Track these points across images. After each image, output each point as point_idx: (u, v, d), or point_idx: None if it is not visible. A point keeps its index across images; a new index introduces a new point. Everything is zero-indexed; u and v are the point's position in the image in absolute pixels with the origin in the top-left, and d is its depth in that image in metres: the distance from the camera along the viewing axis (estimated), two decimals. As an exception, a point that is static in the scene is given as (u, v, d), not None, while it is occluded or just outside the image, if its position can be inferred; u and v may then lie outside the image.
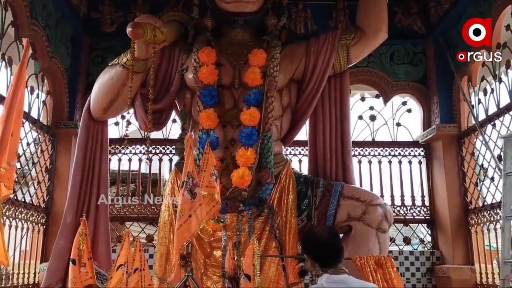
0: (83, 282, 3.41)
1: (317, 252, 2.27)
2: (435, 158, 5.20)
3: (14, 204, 4.12)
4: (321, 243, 2.29)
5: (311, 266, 2.31)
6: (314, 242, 2.33)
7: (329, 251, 2.27)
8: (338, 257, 2.26)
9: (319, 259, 2.25)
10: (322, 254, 2.26)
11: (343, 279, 2.20)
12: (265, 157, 3.96)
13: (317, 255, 2.27)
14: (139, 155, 5.35)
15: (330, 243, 2.31)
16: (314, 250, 2.29)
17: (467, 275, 4.62)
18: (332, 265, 2.23)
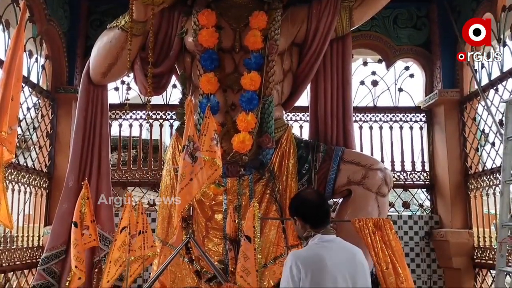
0: (86, 244, 3.47)
1: (309, 213, 2.32)
2: (437, 124, 5.18)
3: (16, 168, 4.14)
4: (312, 205, 2.34)
5: (301, 228, 2.34)
6: (305, 204, 2.36)
7: (320, 212, 2.33)
8: (327, 218, 2.34)
9: (311, 220, 2.30)
10: (313, 215, 2.31)
11: (332, 239, 2.28)
12: (265, 122, 3.95)
13: (308, 216, 2.32)
14: (139, 120, 5.33)
15: (320, 204, 2.37)
16: (306, 211, 2.33)
17: (465, 239, 4.68)
18: (323, 226, 2.30)
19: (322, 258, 2.15)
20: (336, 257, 2.19)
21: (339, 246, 2.28)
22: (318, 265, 2.13)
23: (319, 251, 2.20)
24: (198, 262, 3.79)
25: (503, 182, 3.72)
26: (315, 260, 2.15)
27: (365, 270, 2.28)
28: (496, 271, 3.69)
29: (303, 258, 2.17)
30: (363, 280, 2.23)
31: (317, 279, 2.10)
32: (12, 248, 4.07)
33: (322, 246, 2.23)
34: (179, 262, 3.85)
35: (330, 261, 2.15)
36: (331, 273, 2.13)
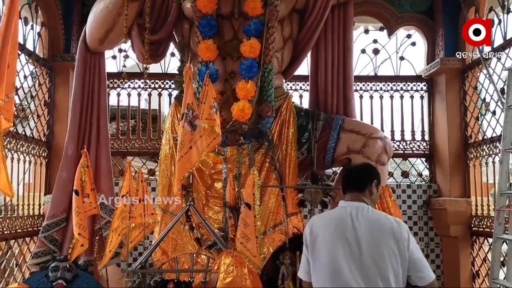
0: (87, 212, 3.50)
1: (344, 178, 2.52)
2: (437, 93, 5.15)
3: (14, 137, 4.13)
4: (348, 172, 2.57)
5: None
6: (344, 173, 2.59)
7: (350, 178, 2.48)
8: (356, 186, 2.41)
9: (343, 186, 2.48)
10: (344, 181, 2.49)
11: (356, 205, 2.32)
12: (265, 90, 3.92)
13: (343, 181, 2.50)
14: (138, 89, 5.28)
15: (355, 172, 2.53)
16: (344, 177, 2.54)
17: (463, 207, 4.71)
18: (350, 192, 2.41)
19: (334, 221, 2.30)
20: (343, 222, 2.26)
21: (365, 216, 2.28)
22: (329, 228, 2.26)
23: (332, 216, 2.39)
24: (198, 230, 3.82)
25: (503, 150, 3.71)
26: (327, 224, 2.30)
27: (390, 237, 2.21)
28: (493, 238, 3.73)
29: (318, 220, 2.39)
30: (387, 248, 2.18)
31: (324, 243, 2.22)
32: (13, 216, 4.10)
33: (336, 211, 2.41)
34: (180, 230, 3.89)
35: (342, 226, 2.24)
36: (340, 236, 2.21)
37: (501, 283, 3.62)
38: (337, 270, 2.16)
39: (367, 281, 2.13)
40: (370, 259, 2.15)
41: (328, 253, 2.20)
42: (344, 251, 2.18)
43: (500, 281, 3.64)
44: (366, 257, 2.15)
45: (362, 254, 2.16)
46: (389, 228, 2.22)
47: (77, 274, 3.57)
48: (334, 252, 2.19)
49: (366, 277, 2.13)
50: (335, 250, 2.19)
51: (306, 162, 4.06)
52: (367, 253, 2.16)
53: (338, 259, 2.16)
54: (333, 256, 2.18)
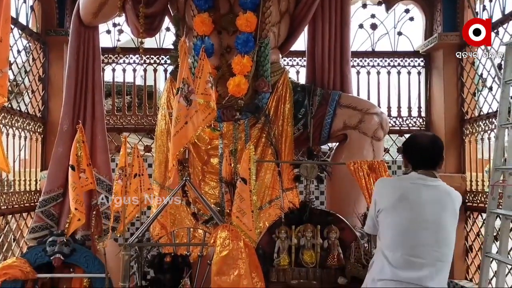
0: (83, 187, 3.50)
1: (414, 154, 2.44)
2: (435, 68, 5.12)
3: (9, 112, 4.10)
4: (419, 148, 2.44)
5: (405, 166, 2.52)
6: (412, 145, 2.48)
7: (424, 155, 2.41)
8: (431, 163, 2.42)
9: (413, 161, 2.42)
10: (416, 157, 2.42)
11: (424, 178, 2.36)
12: (262, 65, 3.89)
13: (411, 156, 2.44)
14: (133, 65, 5.23)
15: (427, 148, 2.45)
16: (410, 151, 2.46)
17: (457, 183, 4.73)
18: (424, 168, 2.39)
19: (405, 188, 2.32)
20: (418, 192, 2.29)
21: (431, 186, 2.35)
22: (398, 191, 2.32)
23: (404, 183, 2.38)
24: (195, 205, 3.85)
25: (499, 126, 3.71)
26: (397, 188, 2.34)
27: (454, 214, 2.36)
28: (487, 213, 3.76)
29: (387, 183, 2.44)
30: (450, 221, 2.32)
31: (394, 204, 2.29)
32: (10, 191, 4.11)
33: (410, 180, 2.36)
34: (178, 205, 3.90)
35: (412, 194, 2.29)
36: (409, 202, 2.27)
37: (494, 257, 3.67)
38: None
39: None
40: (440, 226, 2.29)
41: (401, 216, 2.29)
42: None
43: (493, 254, 3.69)
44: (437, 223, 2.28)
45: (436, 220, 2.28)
46: (453, 199, 2.40)
47: (74, 249, 3.60)
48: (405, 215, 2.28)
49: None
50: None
51: (302, 138, 4.07)
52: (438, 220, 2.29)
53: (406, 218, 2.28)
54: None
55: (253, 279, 2.78)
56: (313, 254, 3.16)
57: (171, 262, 3.06)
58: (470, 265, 4.66)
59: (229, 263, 2.74)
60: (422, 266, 2.22)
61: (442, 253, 2.28)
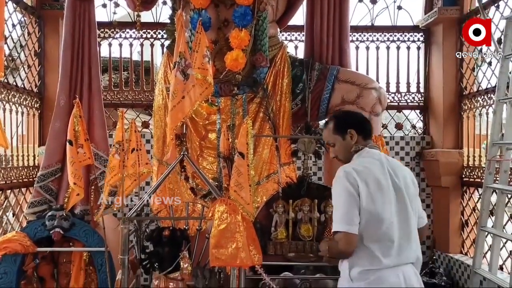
0: (81, 162, 3.49)
1: (362, 126, 2.39)
2: (434, 43, 5.08)
3: (6, 87, 4.08)
4: (363, 118, 2.47)
5: (353, 142, 2.35)
6: (359, 118, 2.47)
7: (369, 126, 2.44)
8: (372, 131, 2.44)
9: (363, 132, 2.37)
10: (365, 128, 2.39)
11: (377, 152, 2.34)
12: (259, 39, 3.85)
13: (362, 128, 2.37)
14: (129, 39, 5.17)
15: (367, 119, 2.51)
16: (360, 123, 2.40)
17: (455, 159, 4.76)
18: (370, 138, 2.40)
19: (373, 170, 2.20)
20: (381, 169, 2.23)
21: (384, 159, 2.31)
22: (371, 175, 2.18)
23: (368, 164, 2.24)
24: (193, 180, 3.86)
25: (497, 101, 3.71)
26: (368, 172, 2.19)
27: (412, 181, 2.34)
28: (483, 188, 3.80)
29: (357, 171, 2.18)
30: (410, 190, 2.28)
31: (371, 191, 2.15)
32: (8, 167, 4.11)
33: (369, 158, 2.27)
34: (177, 180, 3.93)
35: (379, 173, 2.20)
36: (380, 185, 2.17)
37: (489, 231, 3.72)
38: (391, 216, 2.19)
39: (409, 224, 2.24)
40: (405, 202, 2.24)
41: (383, 200, 2.19)
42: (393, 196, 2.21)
43: (488, 228, 3.74)
44: (403, 200, 2.23)
45: (403, 198, 2.23)
46: (409, 173, 2.36)
47: (74, 223, 3.63)
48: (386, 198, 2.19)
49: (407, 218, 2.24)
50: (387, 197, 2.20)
51: (300, 113, 4.06)
52: (403, 196, 2.24)
53: (391, 205, 2.19)
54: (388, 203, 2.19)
55: (251, 252, 2.81)
56: (310, 227, 3.20)
57: (170, 236, 3.09)
58: (466, 240, 4.72)
59: (227, 237, 2.76)
60: (408, 243, 2.22)
61: (414, 226, 2.28)
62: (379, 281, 2.13)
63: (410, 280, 2.18)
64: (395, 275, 2.15)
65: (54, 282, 3.69)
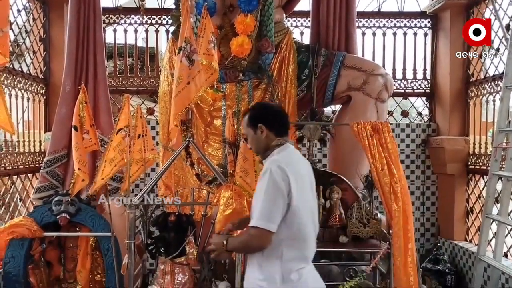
0: (87, 148, 3.51)
1: (274, 121, 2.23)
2: (441, 30, 5.03)
3: (11, 73, 4.08)
4: (278, 113, 2.29)
5: (264, 137, 2.21)
6: (272, 112, 2.29)
7: (283, 119, 2.27)
8: (288, 126, 2.29)
9: (275, 127, 2.22)
10: (278, 124, 2.23)
11: (294, 148, 2.27)
12: (265, 25, 3.82)
13: (273, 124, 2.22)
14: (134, 25, 5.15)
15: (283, 111, 2.36)
16: (272, 119, 2.24)
17: (460, 146, 4.74)
18: (286, 134, 2.25)
19: (295, 166, 2.11)
20: (302, 166, 2.19)
21: (300, 156, 2.30)
22: (296, 174, 2.07)
23: (293, 160, 2.15)
24: (199, 166, 3.87)
25: (504, 87, 3.68)
26: (293, 168, 2.08)
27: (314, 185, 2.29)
28: (489, 175, 3.79)
29: (288, 165, 2.06)
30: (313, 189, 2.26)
31: (301, 186, 2.08)
32: (14, 152, 4.13)
33: (291, 155, 2.19)
34: (183, 166, 3.94)
35: (299, 170, 2.13)
36: (302, 181, 2.10)
37: (494, 218, 3.72)
38: (312, 211, 2.17)
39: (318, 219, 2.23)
40: (315, 201, 2.24)
41: (307, 198, 2.14)
42: (309, 194, 2.17)
43: (493, 215, 3.74)
44: (315, 199, 2.23)
45: (314, 197, 2.23)
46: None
47: (80, 208, 3.64)
48: (307, 195, 2.14)
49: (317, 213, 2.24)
50: (308, 194, 2.15)
51: (306, 99, 4.05)
52: (315, 196, 2.24)
53: (309, 202, 2.15)
54: (307, 200, 2.14)
55: (256, 238, 2.82)
56: (315, 214, 3.20)
57: (176, 221, 3.11)
58: (470, 227, 4.72)
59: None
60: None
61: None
62: (312, 279, 2.12)
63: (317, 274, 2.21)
64: (312, 271, 2.15)
65: (61, 266, 3.72)
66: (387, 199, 2.89)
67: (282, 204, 2.00)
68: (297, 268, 2.05)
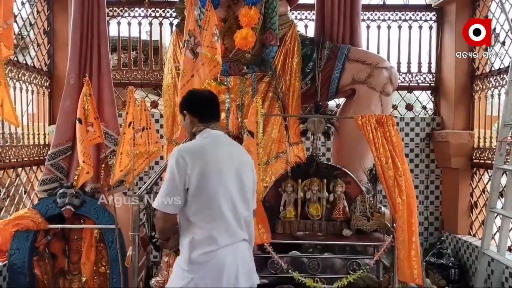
0: (91, 141, 3.52)
1: (198, 107, 2.29)
2: (447, 23, 4.99)
3: (16, 66, 4.08)
4: (201, 98, 2.32)
5: (190, 123, 2.29)
6: (195, 98, 2.33)
7: (209, 106, 2.31)
8: (216, 114, 2.33)
9: (199, 113, 2.28)
10: (203, 111, 2.28)
11: (220, 134, 2.29)
12: (269, 18, 3.81)
13: (197, 110, 2.28)
14: (138, 18, 5.14)
15: (211, 99, 2.35)
16: (194, 105, 2.30)
17: (465, 140, 4.72)
18: (212, 121, 2.29)
19: (208, 151, 2.15)
20: (222, 151, 2.20)
21: (227, 141, 2.30)
22: (205, 158, 2.12)
23: (206, 145, 2.19)
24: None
25: (509, 81, 3.66)
26: (201, 153, 2.13)
27: (251, 168, 2.30)
28: (493, 169, 3.77)
29: (189, 151, 2.14)
30: (249, 177, 2.26)
31: (204, 171, 2.09)
32: (19, 145, 4.14)
33: (209, 140, 2.22)
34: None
35: (216, 154, 2.16)
36: (217, 165, 2.13)
37: (498, 212, 3.71)
38: (227, 196, 2.15)
39: (244, 204, 2.21)
40: (242, 185, 2.21)
41: (218, 181, 2.13)
42: (230, 177, 2.17)
43: (498, 209, 3.73)
44: (242, 181, 2.21)
45: (240, 179, 2.20)
46: (248, 158, 2.32)
47: (84, 200, 3.67)
48: (224, 180, 2.14)
49: (243, 200, 2.20)
50: (225, 178, 2.15)
51: (310, 93, 4.03)
52: (242, 178, 2.21)
53: (228, 186, 2.14)
54: (223, 184, 2.14)
55: (259, 230, 2.83)
56: (319, 207, 3.20)
57: (179, 214, 3.11)
58: (474, 221, 4.71)
59: (236, 215, 2.78)
60: (244, 221, 2.19)
61: (250, 206, 2.26)
62: (217, 262, 2.09)
63: (242, 257, 2.17)
64: (230, 254, 2.12)
65: (66, 258, 3.75)
66: (391, 193, 2.88)
67: (179, 188, 2.07)
68: (206, 250, 2.08)
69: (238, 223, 2.17)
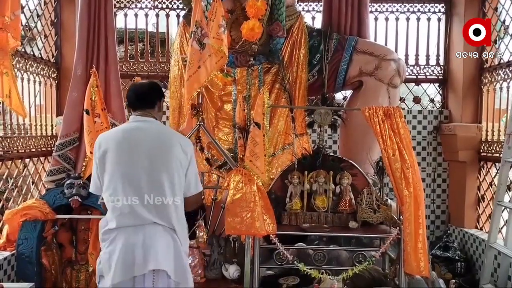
0: (98, 132, 3.52)
1: (129, 98, 2.43)
2: (456, 15, 4.94)
3: (23, 57, 4.09)
4: (132, 91, 2.43)
5: (129, 113, 2.45)
6: (129, 91, 2.45)
7: (136, 97, 2.40)
8: (144, 104, 2.38)
9: (130, 104, 2.42)
10: (133, 101, 2.40)
11: (147, 119, 2.35)
12: (276, 9, 3.79)
13: (129, 101, 2.44)
14: (145, 10, 5.13)
15: (139, 89, 2.43)
16: (128, 96, 2.44)
17: (473, 133, 4.69)
18: (140, 109, 2.38)
19: (123, 133, 2.29)
20: (141, 133, 2.28)
21: (152, 126, 2.33)
22: (116, 140, 2.26)
23: (123, 128, 2.36)
24: (209, 150, 3.87)
25: (519, 73, 3.63)
26: (115, 136, 2.29)
27: (172, 155, 2.28)
28: (501, 162, 3.74)
29: (104, 136, 2.32)
30: (163, 160, 2.26)
31: (116, 153, 2.22)
32: (26, 136, 4.17)
33: (131, 124, 2.35)
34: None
35: (131, 136, 2.27)
36: (130, 146, 2.24)
37: (506, 205, 3.68)
38: (132, 178, 2.20)
39: (155, 188, 2.22)
40: (160, 167, 2.24)
41: (123, 164, 2.22)
42: (138, 159, 2.22)
43: (505, 203, 3.71)
44: (156, 164, 2.24)
45: (153, 162, 2.23)
46: (178, 141, 2.34)
47: (91, 191, 3.68)
48: (129, 162, 2.22)
49: (155, 182, 2.22)
50: (129, 160, 2.22)
51: (317, 85, 4.02)
52: (156, 161, 2.24)
53: (133, 167, 2.21)
54: (127, 166, 2.22)
55: (265, 221, 2.84)
56: (325, 199, 3.20)
57: (186, 205, 3.12)
58: (481, 214, 4.68)
59: (242, 206, 2.79)
60: (148, 208, 2.20)
61: (160, 195, 2.23)
62: (116, 241, 2.17)
63: (151, 239, 2.18)
64: (134, 234, 2.17)
65: (73, 248, 3.78)
66: (398, 185, 2.87)
67: (97, 172, 2.27)
68: (108, 234, 2.21)
69: (148, 204, 2.20)
